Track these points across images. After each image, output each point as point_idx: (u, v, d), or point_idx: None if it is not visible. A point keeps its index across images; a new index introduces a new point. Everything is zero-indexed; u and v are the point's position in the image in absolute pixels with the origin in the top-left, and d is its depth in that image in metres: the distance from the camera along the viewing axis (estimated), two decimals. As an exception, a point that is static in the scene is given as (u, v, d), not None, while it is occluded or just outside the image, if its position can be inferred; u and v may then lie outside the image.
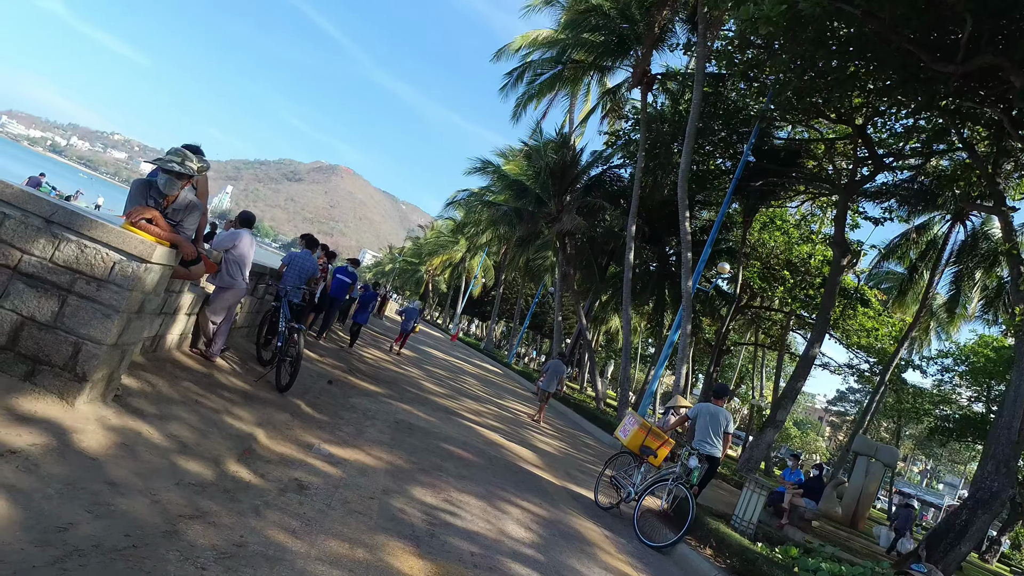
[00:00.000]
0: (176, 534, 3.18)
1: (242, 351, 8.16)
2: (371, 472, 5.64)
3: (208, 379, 6.29)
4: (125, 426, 4.17)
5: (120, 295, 4.03)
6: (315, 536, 3.83)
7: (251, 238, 7.01)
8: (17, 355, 3.95)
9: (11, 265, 3.95)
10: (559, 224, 24.49)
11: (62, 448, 3.48)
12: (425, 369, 16.90)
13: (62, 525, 2.80)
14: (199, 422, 4.96)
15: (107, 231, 4.03)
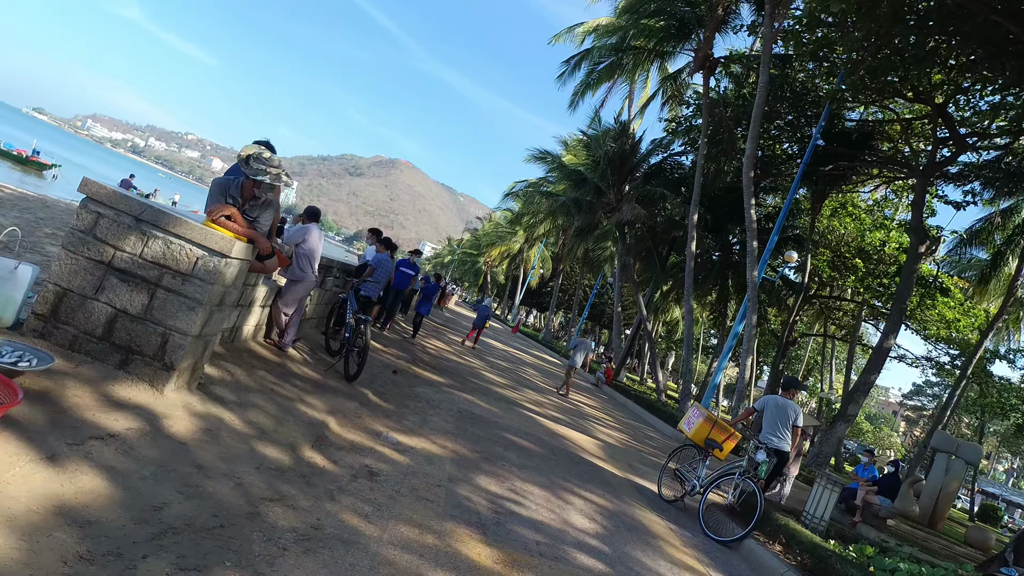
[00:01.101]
0: (258, 516, 3.34)
1: (312, 341, 8.46)
2: (437, 460, 5.76)
3: (282, 368, 6.55)
4: (209, 413, 4.40)
5: (203, 288, 4.25)
6: (386, 521, 3.96)
7: (319, 232, 7.24)
8: (112, 345, 4.23)
9: (106, 261, 4.22)
10: (618, 214, 24.23)
11: (154, 433, 3.70)
12: (486, 360, 17.07)
13: (157, 504, 2.99)
14: (275, 410, 5.18)
15: (190, 228, 4.25)
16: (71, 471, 2.92)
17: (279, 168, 4.66)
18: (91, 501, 2.78)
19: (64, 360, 4.02)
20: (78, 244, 4.22)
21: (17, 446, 2.90)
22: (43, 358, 3.66)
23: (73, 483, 2.84)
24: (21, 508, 2.50)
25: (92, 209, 4.23)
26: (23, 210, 11.14)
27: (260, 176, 4.59)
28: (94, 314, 4.22)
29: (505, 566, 3.94)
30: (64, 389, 3.69)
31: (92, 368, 4.11)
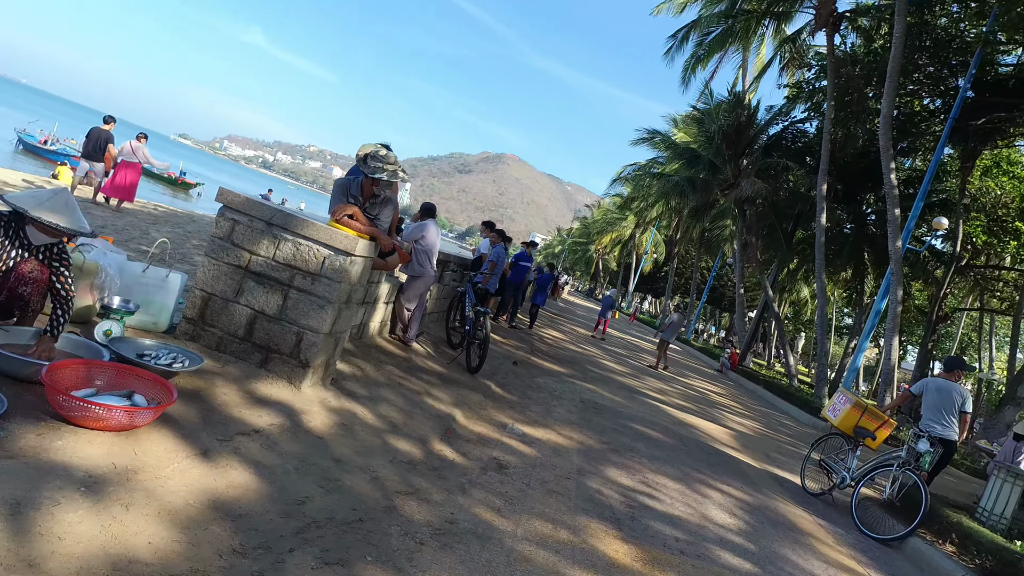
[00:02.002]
0: (394, 509, 3.36)
1: (434, 335, 8.61)
2: (564, 452, 5.63)
3: (407, 363, 6.69)
4: (343, 408, 4.52)
5: (331, 287, 4.36)
6: (519, 515, 3.87)
7: (436, 228, 7.32)
8: (253, 345, 4.44)
9: (243, 265, 4.44)
10: (736, 190, 22.97)
11: (294, 428, 3.83)
12: (604, 348, 16.79)
13: (300, 499, 3.07)
14: (404, 403, 5.27)
15: (316, 229, 4.37)
16: (222, 466, 3.06)
17: (395, 164, 4.70)
18: (241, 495, 2.88)
19: (212, 360, 4.26)
20: (218, 251, 4.46)
21: (175, 442, 3.07)
22: (194, 359, 3.89)
23: (224, 478, 2.96)
24: (180, 502, 2.62)
25: (228, 217, 4.46)
26: (174, 225, 12.22)
27: (378, 173, 4.64)
28: (236, 316, 4.44)
29: (645, 564, 3.74)
30: (213, 388, 3.90)
31: (237, 367, 4.33)
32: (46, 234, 3.25)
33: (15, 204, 3.15)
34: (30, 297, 3.35)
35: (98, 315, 4.21)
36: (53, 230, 3.22)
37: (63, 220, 3.21)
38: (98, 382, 3.17)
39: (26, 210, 3.14)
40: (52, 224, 3.15)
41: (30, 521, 2.15)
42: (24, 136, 29.93)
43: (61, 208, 3.26)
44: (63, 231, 3.21)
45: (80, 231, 3.29)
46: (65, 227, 3.21)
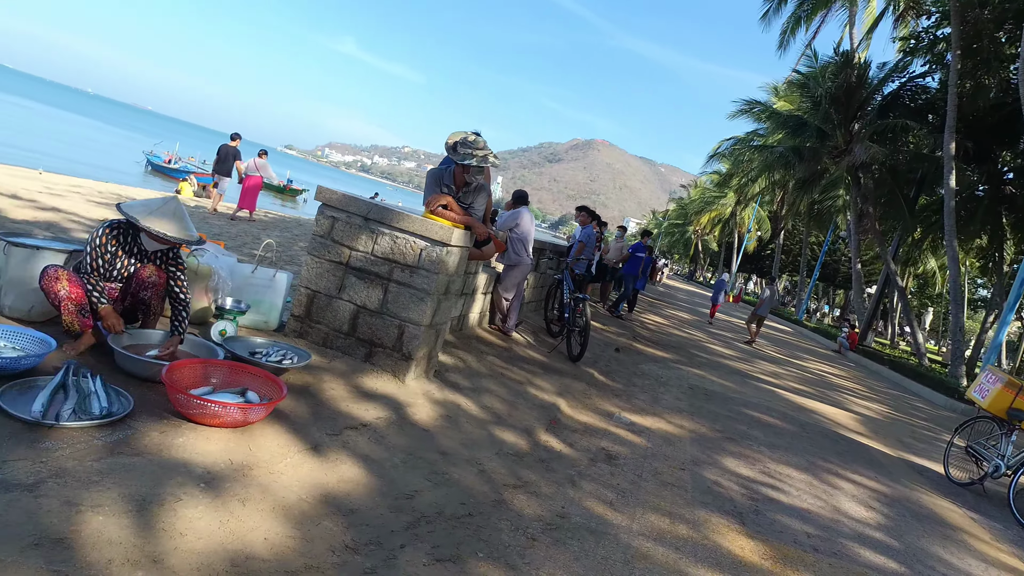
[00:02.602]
0: (503, 503, 3.25)
1: (533, 324, 8.51)
2: (675, 441, 5.36)
3: (508, 353, 6.61)
4: (446, 399, 4.49)
5: (429, 279, 4.33)
6: (633, 509, 3.67)
7: (530, 215, 7.19)
8: (357, 339, 4.49)
9: (344, 261, 4.49)
10: (849, 157, 21.32)
11: (400, 421, 3.82)
12: (709, 332, 16.11)
13: (409, 492, 3.03)
14: (507, 394, 5.18)
15: (412, 221, 4.34)
16: (332, 460, 3.06)
17: (485, 149, 4.59)
18: (351, 490, 2.87)
19: (319, 356, 4.34)
20: (320, 248, 4.54)
21: (287, 438, 3.11)
22: (302, 355, 3.96)
23: (335, 472, 2.97)
24: (293, 497, 2.63)
25: (328, 214, 4.52)
26: (283, 230, 12.84)
27: (468, 160, 4.55)
28: (339, 312, 4.51)
29: (775, 562, 3.44)
30: (321, 383, 3.96)
31: (343, 362, 4.38)
32: (157, 241, 3.38)
33: (128, 214, 3.29)
34: (151, 301, 3.51)
35: (213, 316, 4.39)
36: (162, 238, 3.34)
37: (170, 229, 3.32)
38: (214, 380, 3.27)
39: (137, 219, 3.27)
40: (160, 233, 3.27)
41: (154, 517, 2.20)
42: (151, 158, 32.66)
43: (169, 216, 3.38)
44: (170, 240, 3.33)
45: (186, 240, 3.40)
46: (172, 236, 3.32)
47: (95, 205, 9.27)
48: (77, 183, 11.78)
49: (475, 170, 4.63)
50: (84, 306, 3.29)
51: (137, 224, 3.27)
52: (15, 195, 8.04)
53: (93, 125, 61.21)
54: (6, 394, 2.65)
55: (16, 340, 3.06)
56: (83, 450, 2.45)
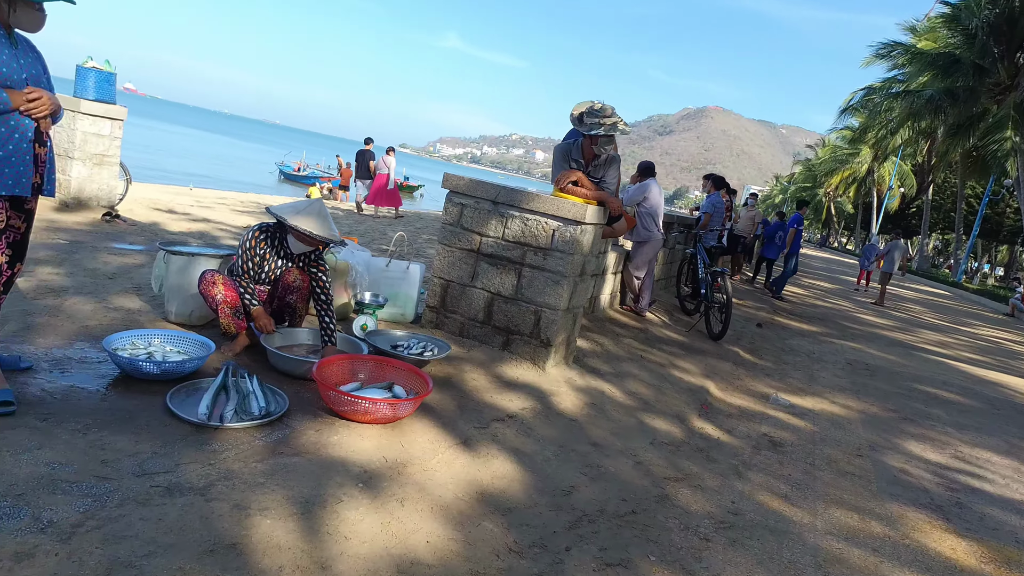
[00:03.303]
0: (667, 498, 2.98)
1: (665, 303, 8.09)
2: (844, 424, 4.81)
3: (644, 334, 6.28)
4: (589, 386, 4.27)
5: (564, 260, 4.11)
6: (812, 503, 3.27)
7: (659, 188, 6.77)
8: (493, 328, 4.37)
9: (475, 248, 4.37)
10: (1015, 93, 18.68)
11: (546, 411, 3.65)
12: (856, 301, 14.75)
13: (565, 488, 2.83)
14: (650, 377, 4.88)
15: (542, 201, 4.13)
16: (484, 455, 2.93)
17: (614, 117, 4.27)
18: (506, 486, 2.72)
19: (457, 346, 4.26)
20: (450, 236, 4.45)
21: (436, 432, 3.02)
22: (442, 347, 3.88)
23: (488, 468, 2.83)
24: (450, 496, 2.52)
25: (456, 202, 4.41)
26: (405, 224, 13.17)
27: (596, 130, 4.26)
28: (474, 300, 4.40)
29: (998, 566, 2.91)
30: (462, 373, 3.86)
31: (480, 351, 4.28)
32: (303, 242, 3.41)
33: (277, 214, 3.34)
34: (296, 304, 3.56)
35: (353, 311, 4.43)
36: (308, 238, 3.36)
37: (316, 228, 3.34)
38: (361, 376, 3.25)
39: (285, 219, 3.31)
40: (307, 232, 3.29)
41: (318, 520, 2.15)
42: (283, 168, 35.04)
43: (315, 216, 3.40)
44: (316, 238, 3.34)
45: (331, 239, 3.41)
46: (319, 235, 3.33)
47: (239, 214, 9.90)
48: (222, 195, 12.69)
49: (604, 140, 4.33)
50: (238, 308, 3.38)
51: (285, 223, 3.31)
52: (171, 210, 8.73)
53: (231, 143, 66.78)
54: (175, 397, 2.74)
55: (180, 344, 3.19)
56: (247, 451, 2.47)
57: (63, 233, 5.44)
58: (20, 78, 2.41)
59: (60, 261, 4.56)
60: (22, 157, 2.43)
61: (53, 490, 1.99)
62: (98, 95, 6.32)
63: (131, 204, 8.01)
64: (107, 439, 2.34)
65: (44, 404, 2.51)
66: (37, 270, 4.22)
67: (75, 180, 6.33)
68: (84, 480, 2.07)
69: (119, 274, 4.52)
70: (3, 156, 2.37)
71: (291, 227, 3.32)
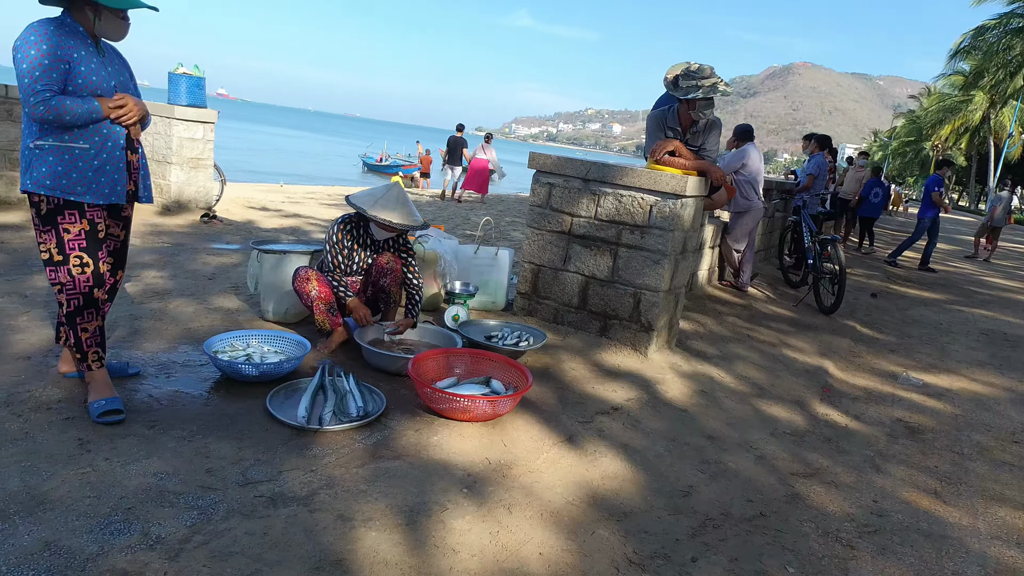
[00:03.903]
0: (798, 498, 2.68)
1: (768, 275, 7.57)
2: (990, 404, 4.27)
3: (748, 311, 5.86)
4: (696, 372, 3.97)
5: (663, 237, 3.81)
6: (970, 501, 2.86)
7: (758, 153, 6.29)
8: (589, 313, 4.15)
9: (566, 230, 4.15)
10: None
11: (652, 401, 3.40)
12: (978, 262, 13.42)
13: (683, 488, 2.59)
14: (760, 359, 4.51)
15: (637, 175, 3.85)
16: (591, 453, 2.74)
17: (712, 78, 3.90)
18: (618, 487, 2.51)
19: (553, 334, 4.07)
20: (539, 219, 4.24)
21: (538, 429, 2.85)
22: (537, 335, 3.70)
23: (597, 467, 2.63)
24: (560, 501, 2.34)
25: (544, 182, 4.20)
26: (488, 208, 13.08)
27: (692, 93, 3.90)
28: (567, 285, 4.19)
29: None
30: (560, 363, 3.67)
31: (577, 338, 4.07)
32: (384, 229, 3.31)
33: (355, 204, 3.26)
34: (390, 288, 3.48)
35: (444, 301, 4.33)
36: (388, 226, 3.26)
37: (395, 216, 3.24)
38: (457, 370, 3.12)
39: (364, 209, 3.23)
40: (385, 221, 3.20)
41: (424, 531, 2.02)
42: (365, 159, 35.90)
43: (393, 204, 3.29)
44: (396, 227, 3.24)
45: (410, 226, 3.30)
46: (398, 223, 3.23)
47: (327, 207, 10.11)
48: (311, 190, 13.05)
49: (702, 104, 3.97)
50: (333, 304, 3.33)
51: (364, 214, 3.23)
52: (264, 207, 9.00)
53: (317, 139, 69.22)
54: (274, 399, 2.70)
55: (277, 344, 3.16)
56: (347, 455, 2.38)
57: (166, 236, 5.65)
58: (109, 86, 2.39)
59: (164, 264, 4.70)
60: (116, 165, 2.42)
61: (161, 502, 1.96)
62: (190, 100, 6.51)
63: (227, 204, 8.30)
64: (211, 446, 2.31)
65: (151, 411, 2.52)
66: (143, 274, 4.37)
67: (174, 184, 6.58)
68: (190, 491, 2.03)
69: (218, 274, 4.61)
70: (98, 165, 2.37)
71: (370, 218, 3.24)
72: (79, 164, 2.33)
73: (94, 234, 2.42)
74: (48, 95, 2.19)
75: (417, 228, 3.38)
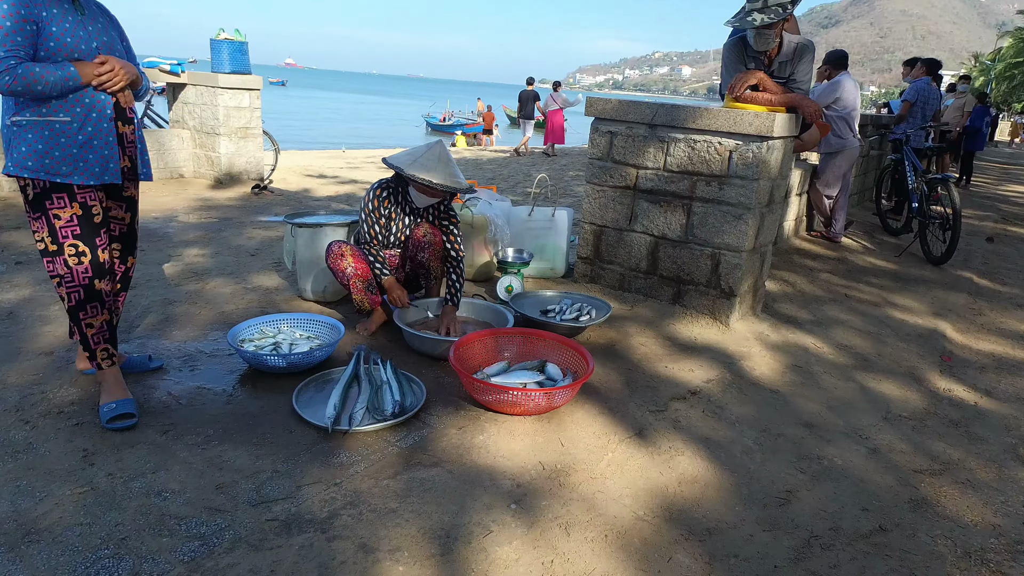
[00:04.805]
0: (926, 504, 2.18)
1: (863, 222, 6.78)
2: None
3: (843, 265, 5.20)
4: (787, 342, 3.45)
5: (746, 189, 3.26)
6: None
7: (853, 82, 5.48)
8: (660, 278, 3.67)
9: (631, 185, 3.65)
10: None
11: (737, 381, 2.93)
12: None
13: (780, 495, 2.15)
14: (862, 323, 3.92)
15: (713, 116, 3.29)
16: (665, 450, 2.32)
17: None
18: (699, 495, 2.09)
19: (618, 302, 3.63)
20: (599, 173, 3.76)
21: (602, 422, 2.45)
22: (600, 307, 3.28)
23: (672, 469, 2.22)
24: (628, 516, 1.95)
25: (603, 130, 3.69)
26: (551, 162, 12.54)
27: (750, 19, 3.26)
28: (634, 247, 3.71)
29: None
30: (627, 338, 3.24)
31: (646, 307, 3.62)
32: (425, 194, 2.94)
33: (392, 163, 2.91)
34: (429, 263, 3.12)
35: (497, 270, 3.95)
36: (430, 189, 2.88)
37: (436, 176, 2.85)
38: (507, 353, 2.75)
39: (402, 168, 2.86)
40: (424, 181, 2.82)
41: (462, 562, 1.68)
42: (428, 120, 35.61)
43: (434, 164, 2.90)
44: (435, 188, 2.86)
45: (453, 187, 2.90)
46: (438, 183, 2.84)
47: (385, 171, 9.86)
48: (372, 154, 12.85)
49: (778, 27, 3.32)
50: (371, 281, 3.01)
51: (403, 173, 2.87)
52: (322, 174, 8.83)
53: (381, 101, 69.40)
54: (303, 393, 2.41)
55: (309, 328, 2.88)
56: (378, 462, 2.07)
57: (214, 211, 5.50)
58: (90, 48, 2.08)
59: (207, 241, 4.53)
60: (105, 139, 2.13)
61: (160, 530, 1.70)
62: (234, 67, 6.29)
63: (284, 173, 8.16)
64: (226, 455, 2.05)
65: (168, 411, 2.28)
66: (185, 252, 4.19)
67: (224, 156, 6.43)
68: (195, 515, 1.77)
69: (261, 249, 4.40)
70: (83, 140, 2.08)
71: (409, 177, 2.86)
72: (61, 140, 2.05)
73: (89, 219, 2.15)
74: (13, 63, 1.90)
75: (459, 190, 2.98)
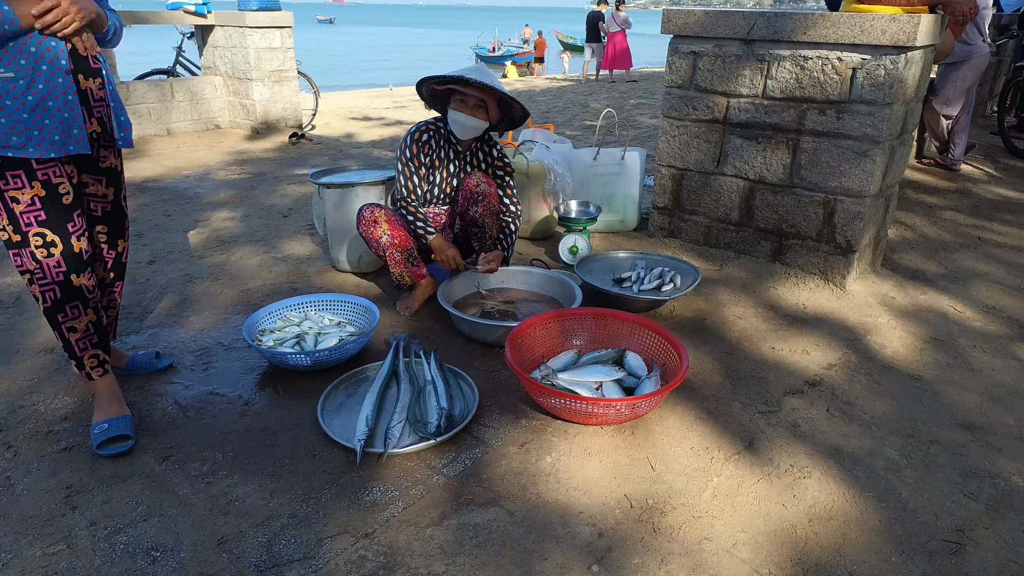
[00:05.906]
0: None
1: (983, 144, 5.81)
2: None
3: (968, 199, 4.39)
4: (918, 306, 2.80)
5: (874, 117, 2.57)
6: None
7: (986, -29, 4.49)
8: (755, 231, 3.05)
9: (719, 118, 2.99)
10: None
11: (864, 365, 2.35)
12: None
13: (947, 535, 1.61)
14: (1006, 274, 3.21)
15: (830, 23, 2.57)
16: (786, 470, 1.80)
17: None
18: (838, 538, 1.58)
19: (703, 261, 3.05)
20: (678, 105, 3.11)
21: (700, 432, 1.94)
22: (686, 272, 2.71)
23: (798, 499, 1.70)
24: (746, 573, 1.46)
25: (684, 51, 3.02)
26: (609, 89, 11.59)
27: None
28: (723, 193, 3.09)
29: None
30: (720, 308, 2.68)
31: (738, 266, 3.02)
32: (462, 111, 2.48)
33: (425, 78, 2.53)
34: (483, 220, 2.62)
35: (559, 226, 3.41)
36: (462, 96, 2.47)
37: (470, 75, 2.41)
38: (577, 341, 2.25)
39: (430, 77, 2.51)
40: (459, 76, 2.46)
41: (529, 667, 1.24)
42: (477, 51, 34.28)
43: (473, 73, 2.44)
44: (473, 85, 2.41)
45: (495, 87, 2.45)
46: (474, 78, 2.41)
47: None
48: (417, 91, 12.22)
49: None
50: (411, 251, 2.55)
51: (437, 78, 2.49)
52: (367, 116, 8.32)
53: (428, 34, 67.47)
54: (330, 401, 2.00)
55: (340, 312, 2.45)
56: (419, 500, 1.63)
57: (248, 165, 5.10)
58: (26, -22, 1.60)
59: (238, 201, 4.14)
60: (62, 98, 1.68)
61: (141, 613, 1.33)
62: (261, 3, 5.75)
63: (327, 117, 7.70)
64: (234, 492, 1.65)
65: (172, 428, 1.91)
66: (212, 216, 3.82)
67: (259, 104, 5.99)
68: (186, 587, 1.38)
69: (295, 209, 3.98)
70: (34, 101, 1.63)
71: (441, 79, 2.48)
72: (6, 103, 1.61)
73: (55, 200, 1.73)
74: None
75: (503, 94, 2.48)
